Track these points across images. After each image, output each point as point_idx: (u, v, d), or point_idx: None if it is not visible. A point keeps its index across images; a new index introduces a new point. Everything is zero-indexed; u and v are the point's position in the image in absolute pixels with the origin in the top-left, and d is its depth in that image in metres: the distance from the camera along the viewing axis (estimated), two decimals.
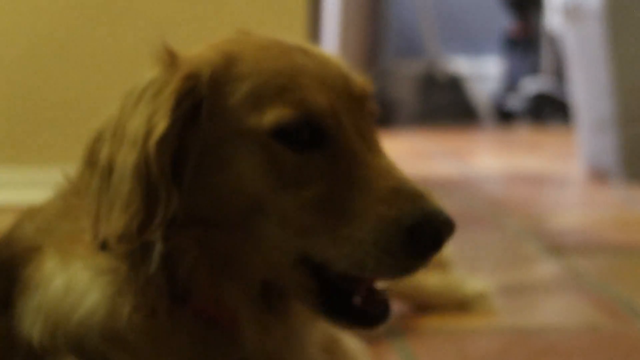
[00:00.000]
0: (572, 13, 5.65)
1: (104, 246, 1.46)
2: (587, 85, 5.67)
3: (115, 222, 1.42)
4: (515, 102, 9.64)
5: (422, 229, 1.36)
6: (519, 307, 2.81)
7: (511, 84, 9.77)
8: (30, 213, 1.70)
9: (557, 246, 3.64)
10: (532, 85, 9.46)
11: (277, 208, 1.42)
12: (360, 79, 1.53)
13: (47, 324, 1.53)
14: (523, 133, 8.96)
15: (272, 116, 1.42)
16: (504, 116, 9.68)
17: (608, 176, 5.49)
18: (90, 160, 1.50)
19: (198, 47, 1.53)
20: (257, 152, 1.42)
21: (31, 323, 1.55)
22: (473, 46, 10.37)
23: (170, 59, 1.48)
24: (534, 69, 9.70)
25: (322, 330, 1.63)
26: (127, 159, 1.43)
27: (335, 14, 8.12)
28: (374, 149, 1.46)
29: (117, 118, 1.47)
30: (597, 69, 5.47)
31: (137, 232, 1.41)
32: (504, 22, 9.93)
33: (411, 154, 6.29)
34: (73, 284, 1.52)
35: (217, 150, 1.44)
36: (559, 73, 9.47)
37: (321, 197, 1.41)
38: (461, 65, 9.99)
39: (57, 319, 1.52)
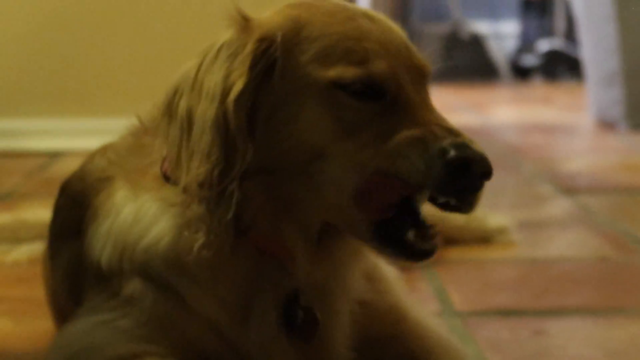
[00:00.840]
0: None
1: (184, 191, 1.46)
2: (595, 43, 5.62)
3: (196, 170, 1.41)
4: (530, 60, 9.58)
5: (453, 152, 1.34)
6: (535, 240, 2.80)
7: (527, 43, 9.70)
8: (102, 149, 1.70)
9: (569, 187, 3.62)
10: (545, 45, 9.39)
11: (340, 153, 1.41)
12: (422, 56, 1.50)
13: (116, 249, 1.53)
14: (537, 88, 8.90)
15: (337, 72, 1.41)
16: (520, 73, 9.63)
17: (615, 126, 5.45)
18: (168, 110, 1.49)
19: (267, 11, 1.51)
20: (322, 101, 1.41)
21: (101, 247, 1.55)
22: (492, 9, 10.29)
23: (244, 22, 1.46)
24: (548, 30, 9.63)
25: (363, 261, 1.62)
26: (206, 113, 1.42)
27: None
28: (431, 109, 1.44)
29: (195, 74, 1.46)
30: (604, 28, 5.42)
31: (218, 180, 1.40)
32: None
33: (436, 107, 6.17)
34: (142, 213, 1.52)
35: (287, 105, 1.43)
36: (570, 33, 9.40)
37: (378, 136, 1.40)
38: (481, 26, 9.92)
39: (125, 245, 1.52)
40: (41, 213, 2.58)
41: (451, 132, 1.39)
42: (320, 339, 1.54)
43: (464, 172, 1.35)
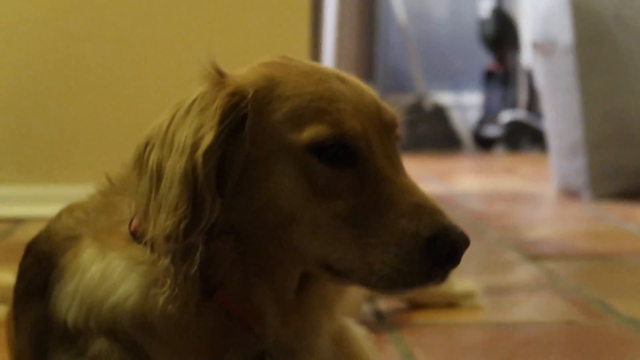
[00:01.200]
0: (543, 48, 5.66)
1: (150, 244, 1.45)
2: (558, 114, 5.68)
3: (163, 223, 1.41)
4: (493, 131, 9.66)
5: (439, 241, 1.35)
6: (502, 305, 2.80)
7: (490, 114, 9.79)
8: (69, 209, 1.69)
9: (534, 254, 3.63)
10: (508, 116, 9.48)
11: (310, 218, 1.41)
12: (390, 109, 1.52)
13: (82, 307, 1.52)
14: (500, 158, 8.97)
15: (310, 132, 1.41)
16: (483, 143, 9.71)
17: (578, 195, 5.49)
18: (139, 163, 1.49)
19: (240, 68, 1.52)
20: (294, 165, 1.42)
21: (67, 306, 1.54)
22: (455, 81, 10.40)
23: (218, 76, 1.47)
24: (510, 102, 9.72)
25: (334, 322, 1.61)
26: (175, 166, 1.42)
27: (329, 55, 8.11)
28: (400, 170, 1.46)
29: (166, 127, 1.47)
30: (567, 99, 5.48)
31: (184, 234, 1.40)
32: (483, 59, 9.96)
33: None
34: (109, 271, 1.51)
35: (258, 164, 1.43)
36: (532, 105, 9.51)
37: (350, 209, 1.40)
38: (445, 98, 10.01)
39: (92, 304, 1.51)
40: (4, 277, 2.55)
41: (422, 207, 1.39)
42: None
43: (451, 258, 1.37)
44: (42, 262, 1.63)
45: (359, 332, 1.74)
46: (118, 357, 1.49)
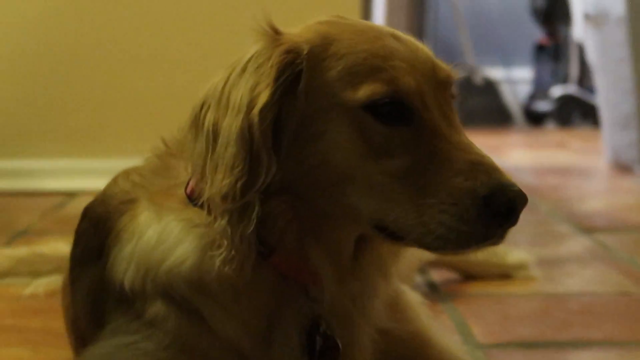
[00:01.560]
0: (595, 19, 5.59)
1: (207, 205, 1.45)
2: (611, 86, 5.61)
3: (220, 182, 1.41)
4: (544, 106, 9.57)
5: (496, 198, 1.33)
6: (555, 276, 2.78)
7: (540, 89, 9.70)
8: (124, 173, 1.69)
9: (586, 226, 3.60)
10: (559, 90, 9.39)
11: (365, 176, 1.40)
12: (445, 66, 1.50)
13: (139, 270, 1.53)
14: (551, 133, 8.89)
15: (365, 91, 1.40)
16: (534, 118, 9.62)
17: (630, 168, 5.43)
18: (195, 124, 1.49)
19: (295, 27, 1.51)
20: (349, 123, 1.41)
21: (123, 269, 1.55)
22: (506, 56, 10.31)
23: (274, 34, 1.47)
24: (561, 76, 9.63)
25: (389, 287, 1.61)
26: (232, 125, 1.42)
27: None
28: (456, 128, 1.44)
29: (222, 87, 1.46)
30: (620, 70, 5.42)
31: (240, 193, 1.39)
32: (534, 33, 9.87)
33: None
34: (165, 234, 1.52)
35: (313, 122, 1.42)
36: (583, 80, 9.41)
37: (405, 168, 1.39)
38: (495, 72, 9.94)
39: (148, 266, 1.52)
40: (58, 246, 2.58)
41: (478, 165, 1.37)
42: None
43: (509, 216, 1.35)
44: (98, 225, 1.63)
45: (414, 298, 1.74)
46: (175, 320, 1.50)
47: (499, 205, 1.33)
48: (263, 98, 1.40)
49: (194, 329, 1.50)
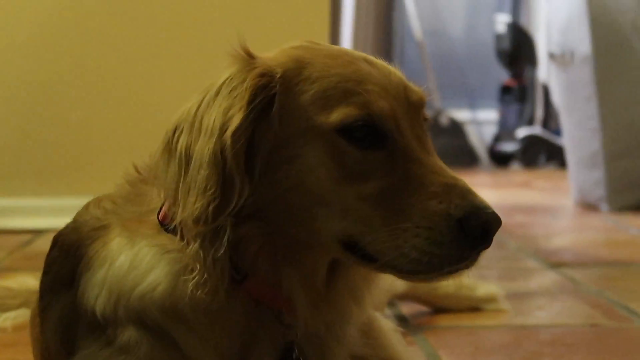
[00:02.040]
0: (561, 59, 5.64)
1: (180, 229, 1.45)
2: (577, 124, 5.65)
3: (192, 206, 1.40)
4: (509, 146, 9.63)
5: (471, 221, 1.33)
6: (525, 309, 2.78)
7: (506, 130, 9.76)
8: (96, 200, 1.68)
9: (554, 261, 3.61)
10: (525, 131, 9.45)
11: (339, 200, 1.40)
12: (417, 89, 1.51)
13: (111, 296, 1.51)
14: (517, 173, 8.95)
15: (338, 114, 1.40)
16: (500, 159, 9.68)
17: (596, 207, 5.46)
18: (168, 148, 1.48)
19: (268, 52, 1.52)
20: (323, 147, 1.41)
21: (95, 295, 1.53)
22: (472, 97, 10.39)
23: (248, 58, 1.47)
24: (527, 117, 9.70)
25: (362, 313, 1.60)
26: (204, 148, 1.41)
27: None
28: (429, 150, 1.44)
29: (195, 111, 1.46)
30: (586, 109, 5.46)
31: (213, 216, 1.39)
32: (499, 75, 9.95)
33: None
34: (138, 260, 1.51)
35: (287, 145, 1.42)
36: (549, 120, 9.49)
37: (380, 191, 1.39)
38: (461, 114, 10.00)
39: (120, 292, 1.50)
40: (26, 280, 2.55)
41: (453, 188, 1.37)
42: None
43: (483, 238, 1.35)
44: (69, 253, 1.62)
45: (387, 324, 1.73)
46: (147, 345, 1.48)
47: (473, 228, 1.33)
48: (236, 121, 1.40)
49: (167, 355, 1.48)
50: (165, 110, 1.55)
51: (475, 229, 1.33)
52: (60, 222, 1.75)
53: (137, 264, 1.50)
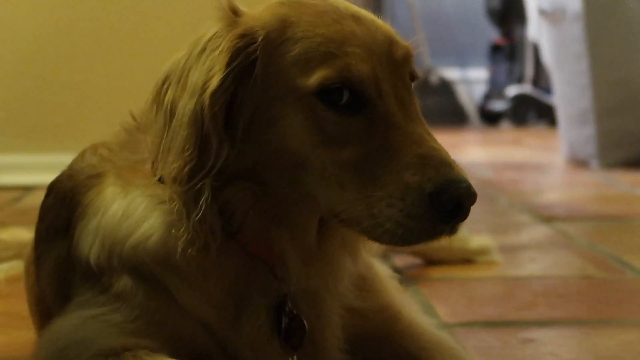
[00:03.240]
0: (552, 16, 5.63)
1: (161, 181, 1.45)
2: (567, 82, 5.65)
3: (170, 165, 1.39)
4: (499, 105, 9.63)
5: (442, 195, 1.30)
6: (517, 261, 2.79)
7: (496, 89, 9.76)
8: (92, 147, 1.67)
9: (546, 216, 3.62)
10: (515, 90, 9.45)
11: (317, 164, 1.38)
12: (404, 44, 1.46)
13: (104, 245, 1.51)
14: (507, 132, 8.96)
15: (317, 77, 1.37)
16: (490, 118, 9.68)
17: (587, 164, 5.47)
18: (157, 99, 1.47)
19: (257, 7, 1.49)
20: (302, 110, 1.38)
21: (89, 244, 1.53)
22: (461, 56, 10.37)
23: (233, 16, 1.44)
24: (516, 76, 9.69)
25: (356, 264, 1.59)
26: (185, 107, 1.40)
27: None
28: (412, 116, 1.40)
29: (183, 64, 1.44)
30: (576, 66, 5.46)
31: (188, 177, 1.38)
32: (489, 34, 9.93)
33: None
34: (131, 209, 1.50)
35: (270, 107, 1.40)
36: (539, 79, 9.48)
37: (357, 158, 1.36)
38: (451, 73, 9.99)
39: (114, 241, 1.50)
40: (18, 233, 2.55)
41: (429, 159, 1.33)
42: (312, 343, 1.52)
43: (455, 213, 1.33)
44: (64, 200, 1.61)
45: (383, 271, 1.72)
46: (143, 294, 1.48)
47: (445, 203, 1.30)
48: (215, 82, 1.38)
49: (163, 303, 1.48)
50: (155, 67, 1.52)
51: (447, 204, 1.30)
52: (50, 178, 1.74)
53: (130, 213, 1.49)
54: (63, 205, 1.61)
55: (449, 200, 1.30)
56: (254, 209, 1.43)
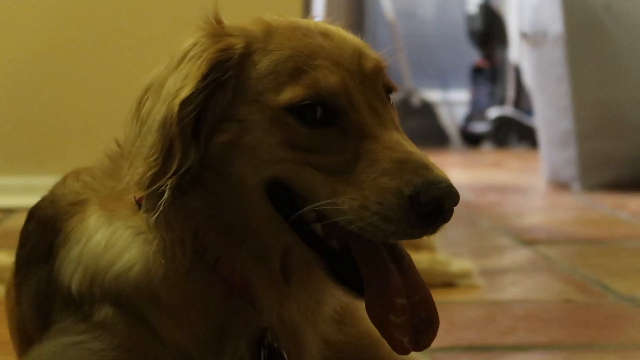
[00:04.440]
0: (533, 38, 5.66)
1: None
2: (549, 104, 5.68)
3: (136, 170, 1.40)
4: (481, 127, 9.66)
5: (421, 197, 1.29)
6: (499, 285, 2.80)
7: (477, 111, 9.78)
8: (74, 172, 1.67)
9: (526, 239, 3.63)
10: (496, 112, 9.48)
11: (278, 159, 1.39)
12: (374, 55, 1.47)
13: (86, 274, 1.50)
14: (488, 154, 8.98)
15: (286, 94, 1.38)
16: (471, 140, 9.70)
17: (568, 186, 5.49)
18: (137, 109, 1.47)
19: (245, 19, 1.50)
20: (271, 120, 1.39)
21: (71, 272, 1.52)
22: (443, 78, 10.39)
23: (215, 26, 1.45)
24: (498, 97, 9.72)
25: (337, 300, 1.59)
26: (157, 113, 1.41)
27: None
28: (386, 123, 1.40)
29: (163, 74, 1.45)
30: (558, 89, 5.49)
31: (149, 182, 1.38)
32: (471, 56, 9.96)
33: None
34: (113, 240, 1.50)
35: (234, 112, 1.41)
36: (520, 101, 9.51)
37: (332, 165, 1.36)
38: (432, 95, 10.01)
39: (96, 270, 1.49)
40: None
41: (406, 163, 1.33)
42: None
43: (436, 215, 1.32)
44: (47, 227, 1.61)
45: (362, 311, 1.72)
46: (124, 324, 1.48)
47: (424, 205, 1.30)
48: (187, 90, 1.38)
49: (144, 333, 1.48)
50: (136, 87, 1.53)
51: (427, 206, 1.30)
52: (31, 201, 1.74)
53: (112, 243, 1.50)
54: (45, 231, 1.61)
55: (428, 202, 1.30)
56: (209, 222, 1.43)
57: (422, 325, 1.40)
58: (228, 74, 1.41)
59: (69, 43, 4.49)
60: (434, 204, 1.30)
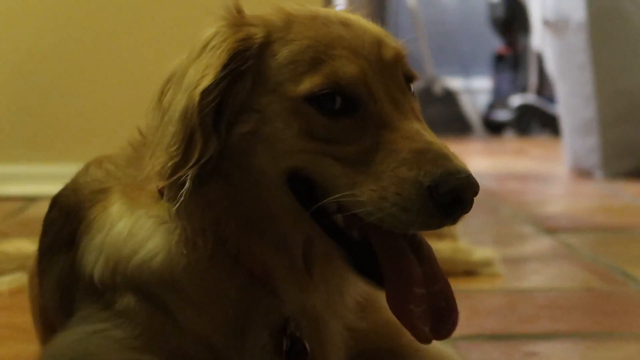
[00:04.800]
0: (555, 26, 5.64)
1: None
2: (571, 92, 5.66)
3: (158, 160, 1.41)
4: (503, 115, 9.63)
5: (440, 188, 1.29)
6: (521, 273, 2.79)
7: (499, 98, 9.76)
8: (97, 160, 1.67)
9: (549, 227, 3.62)
10: (518, 100, 9.45)
11: (300, 150, 1.39)
12: (393, 44, 1.46)
13: (109, 263, 1.51)
14: (510, 141, 8.96)
15: (306, 84, 1.38)
16: (493, 127, 9.68)
17: (590, 174, 5.47)
18: (159, 99, 1.47)
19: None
20: (291, 111, 1.39)
21: (93, 260, 1.53)
22: (465, 65, 10.37)
23: (236, 16, 1.45)
24: (520, 85, 9.70)
25: (359, 289, 1.59)
26: (178, 103, 1.41)
27: None
28: (405, 113, 1.39)
29: (184, 64, 1.45)
30: (580, 76, 5.47)
31: (171, 171, 1.39)
32: (493, 43, 9.93)
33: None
34: (136, 229, 1.51)
35: (254, 102, 1.41)
36: (543, 88, 9.48)
37: (351, 155, 1.36)
38: (455, 82, 9.99)
39: (119, 259, 1.50)
40: (22, 245, 2.55)
41: (425, 153, 1.33)
42: None
43: (455, 206, 1.32)
44: (69, 214, 1.62)
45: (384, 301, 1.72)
46: (146, 313, 1.48)
47: (443, 195, 1.29)
48: (207, 80, 1.39)
49: (165, 322, 1.49)
50: (157, 76, 1.53)
51: (445, 197, 1.29)
52: (53, 188, 1.75)
53: (135, 232, 1.50)
54: (68, 219, 1.62)
55: (446, 192, 1.29)
56: (230, 213, 1.43)
57: (442, 315, 1.39)
58: (248, 64, 1.41)
59: (92, 29, 4.51)
60: (453, 195, 1.30)
